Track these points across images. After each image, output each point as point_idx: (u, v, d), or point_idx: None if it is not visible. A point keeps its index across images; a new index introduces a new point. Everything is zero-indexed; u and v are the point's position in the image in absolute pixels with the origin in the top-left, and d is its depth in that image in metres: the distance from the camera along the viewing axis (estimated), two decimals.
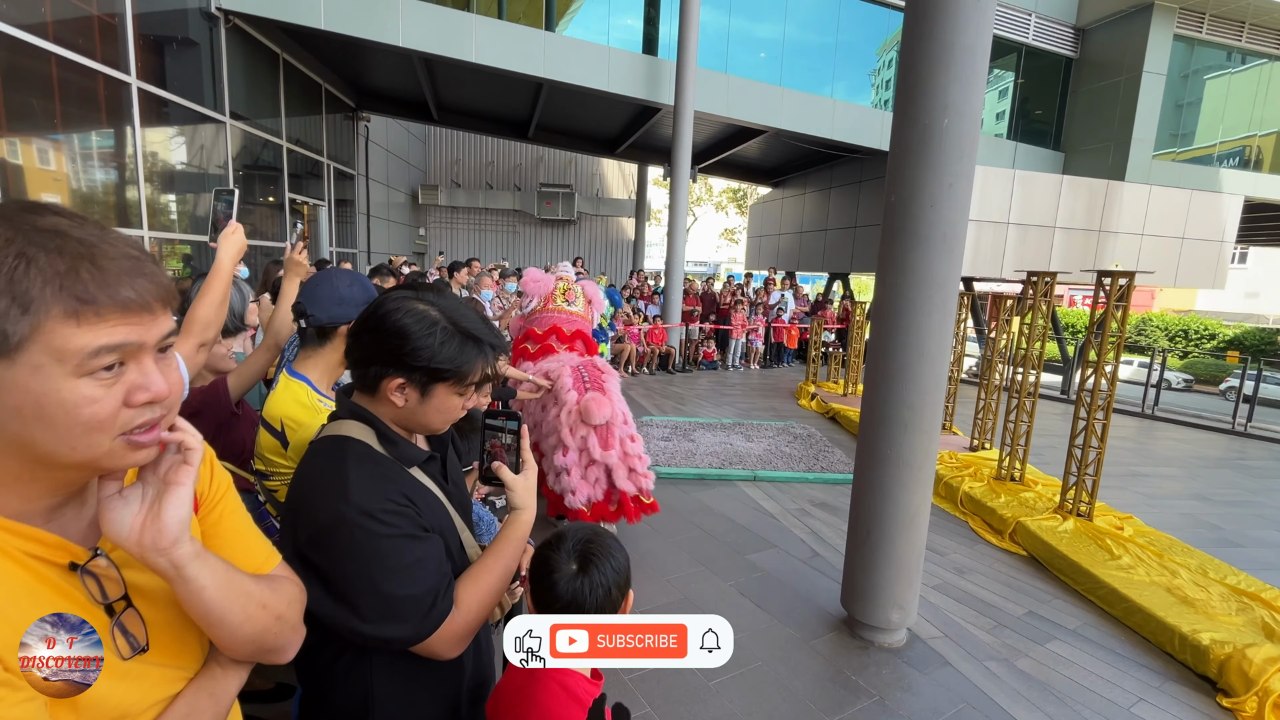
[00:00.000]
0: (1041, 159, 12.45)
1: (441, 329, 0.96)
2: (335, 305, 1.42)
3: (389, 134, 13.86)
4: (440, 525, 1.03)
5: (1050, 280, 4.54)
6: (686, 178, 9.95)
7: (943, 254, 2.57)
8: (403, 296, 1.00)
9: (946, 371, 2.73)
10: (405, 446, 1.03)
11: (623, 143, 13.18)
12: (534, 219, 18.04)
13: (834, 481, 4.95)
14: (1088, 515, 4.02)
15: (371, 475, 0.97)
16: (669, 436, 5.94)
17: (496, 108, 12.12)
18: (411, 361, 0.95)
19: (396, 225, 14.89)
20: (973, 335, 11.60)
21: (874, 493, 2.78)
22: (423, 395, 0.98)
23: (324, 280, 1.45)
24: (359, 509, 0.92)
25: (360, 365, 1.00)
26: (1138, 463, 6.20)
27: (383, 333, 0.96)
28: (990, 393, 5.51)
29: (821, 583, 3.33)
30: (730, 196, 31.70)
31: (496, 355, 1.03)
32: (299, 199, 9.08)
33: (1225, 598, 3.13)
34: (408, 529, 0.96)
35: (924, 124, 2.54)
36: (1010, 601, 3.26)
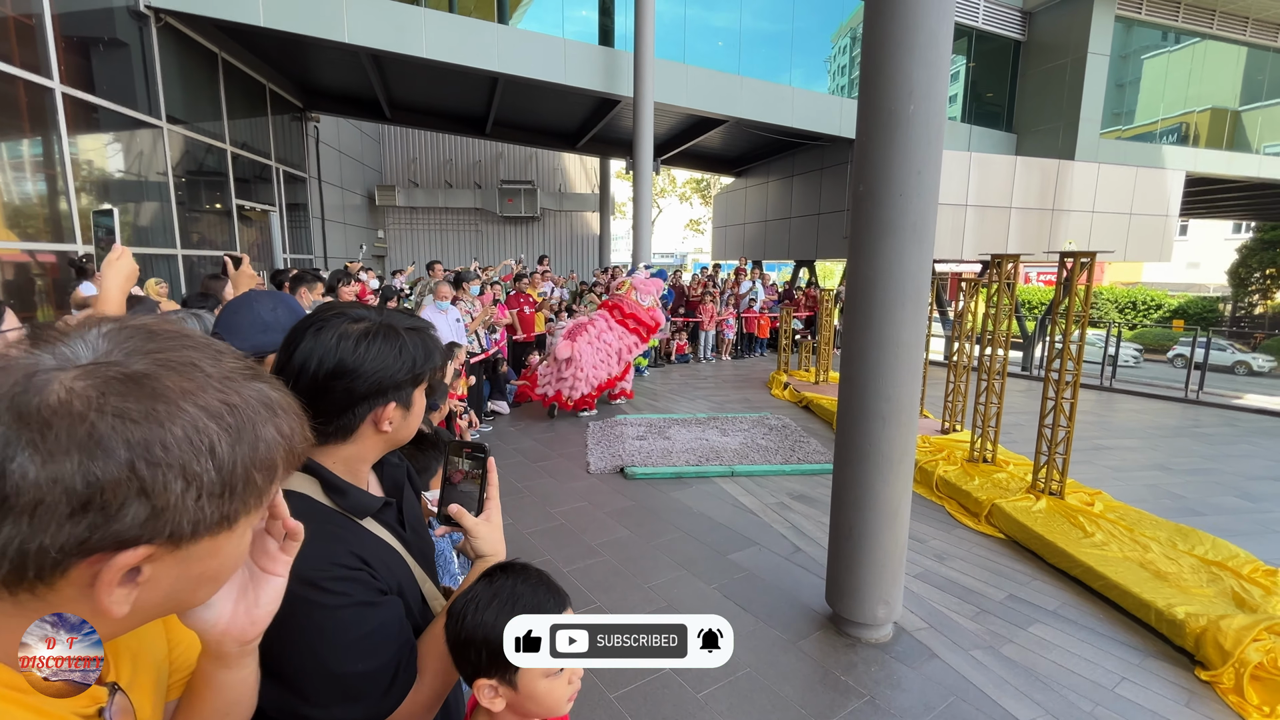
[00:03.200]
0: (995, 141, 12.69)
1: (410, 340, 0.91)
2: (259, 333, 1.28)
3: (340, 134, 13.41)
4: (399, 581, 0.92)
5: (1015, 263, 4.59)
6: (650, 170, 9.84)
7: (913, 243, 2.52)
8: (344, 326, 0.90)
9: (922, 362, 2.70)
10: (356, 495, 0.92)
11: (583, 136, 13.00)
12: (496, 217, 17.71)
13: (811, 473, 4.94)
14: (1059, 494, 4.08)
15: (315, 536, 0.84)
16: (644, 435, 5.85)
17: (452, 104, 11.82)
18: (400, 379, 0.90)
19: (354, 229, 14.45)
20: (936, 316, 11.79)
21: (854, 488, 2.74)
22: (407, 408, 0.93)
23: (242, 306, 1.32)
24: (300, 578, 0.80)
25: (339, 413, 0.89)
26: (1100, 436, 6.36)
27: (354, 373, 0.87)
28: (959, 375, 5.56)
29: (805, 579, 3.30)
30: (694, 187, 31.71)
31: (445, 350, 0.98)
32: (246, 205, 8.69)
33: (1196, 569, 3.19)
34: (360, 595, 0.84)
35: (889, 110, 2.48)
36: (991, 586, 3.27)
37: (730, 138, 13.28)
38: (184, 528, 0.46)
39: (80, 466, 0.41)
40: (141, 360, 0.45)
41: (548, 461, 5.20)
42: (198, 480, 0.45)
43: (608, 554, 3.54)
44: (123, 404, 0.43)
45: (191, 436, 0.44)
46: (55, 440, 0.41)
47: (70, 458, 0.41)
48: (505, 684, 0.85)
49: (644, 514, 4.13)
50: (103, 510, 0.42)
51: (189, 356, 0.47)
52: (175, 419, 0.44)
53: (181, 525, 0.45)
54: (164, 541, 0.45)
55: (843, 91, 11.97)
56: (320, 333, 0.88)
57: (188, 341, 0.49)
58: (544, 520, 4.00)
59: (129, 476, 0.42)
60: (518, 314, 7.73)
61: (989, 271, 4.78)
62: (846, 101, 11.25)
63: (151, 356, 0.46)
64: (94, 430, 0.42)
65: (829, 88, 11.80)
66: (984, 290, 5.21)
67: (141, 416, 0.43)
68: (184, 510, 0.45)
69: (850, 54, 12.05)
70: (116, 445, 0.42)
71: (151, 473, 0.43)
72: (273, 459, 0.50)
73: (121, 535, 0.43)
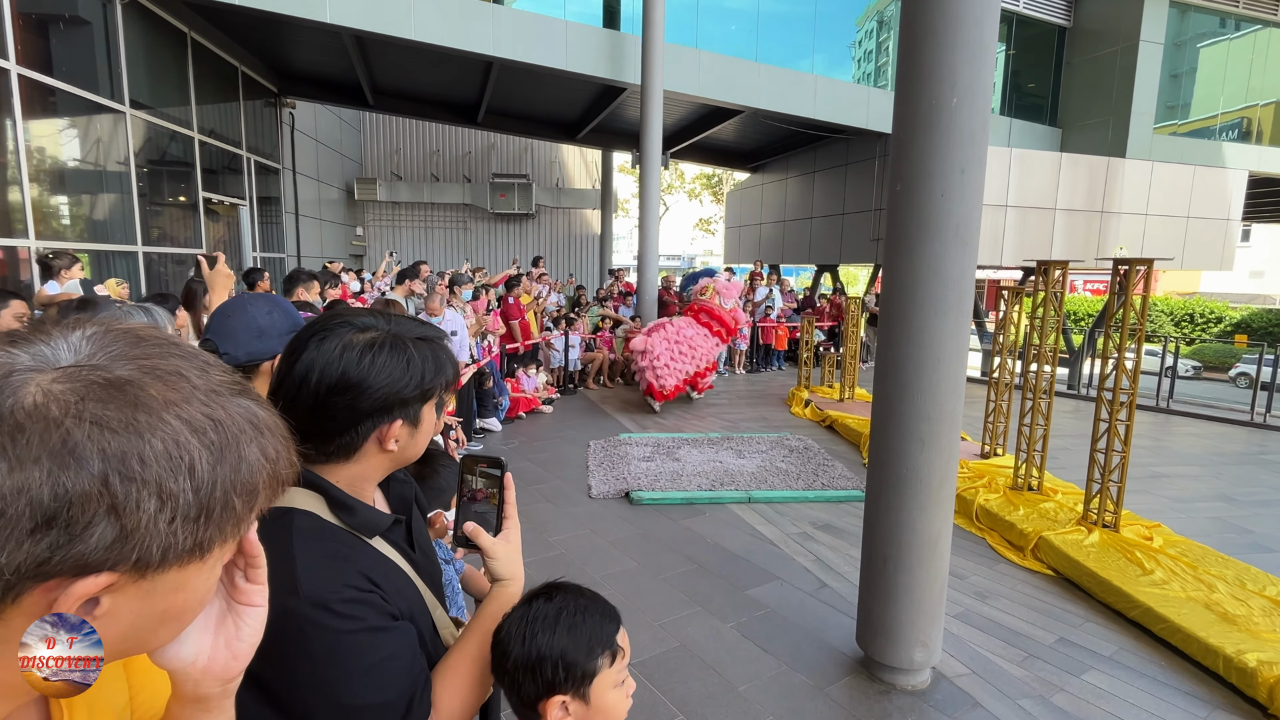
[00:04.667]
0: (1038, 136, 12.79)
1: (417, 351, 0.93)
2: (254, 339, 1.31)
3: (318, 122, 13.56)
4: (410, 607, 0.95)
5: (1063, 270, 4.63)
6: (657, 164, 9.93)
7: (956, 247, 2.56)
8: (349, 337, 0.92)
9: (964, 379, 2.72)
10: (364, 513, 0.94)
11: (584, 127, 13.11)
12: (487, 213, 17.84)
13: (837, 499, 4.94)
14: (1114, 526, 4.08)
15: (324, 556, 0.87)
16: (650, 456, 5.87)
17: (441, 90, 11.94)
18: (406, 396, 0.91)
19: (330, 225, 14.56)
20: (973, 329, 11.81)
21: (889, 518, 2.75)
22: (414, 425, 0.95)
23: (237, 309, 1.34)
24: (311, 601, 0.83)
25: (341, 431, 0.91)
26: (1158, 462, 6.36)
27: (358, 389, 0.89)
28: (1000, 393, 5.58)
29: (832, 618, 3.30)
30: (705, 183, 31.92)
31: (445, 342, 1.01)
32: (214, 198, 8.77)
33: (1267, 611, 3.19)
34: (373, 620, 0.86)
35: (930, 104, 2.53)
36: (1039, 628, 3.27)
37: (745, 130, 13.39)
38: (153, 554, 0.45)
39: (50, 476, 0.40)
40: (126, 366, 0.46)
41: (544, 485, 5.21)
42: (173, 500, 0.44)
43: (612, 588, 3.54)
44: (102, 411, 0.42)
45: (171, 451, 0.44)
46: (26, 446, 0.40)
47: (40, 466, 0.40)
48: (578, 698, 0.94)
49: (651, 544, 4.13)
50: (68, 528, 0.41)
51: (176, 365, 0.48)
52: (156, 431, 0.44)
53: (150, 551, 0.44)
54: (129, 569, 0.44)
55: (869, 80, 12.10)
56: (324, 342, 0.91)
57: (175, 350, 0.49)
58: (541, 550, 4.00)
59: (100, 491, 0.41)
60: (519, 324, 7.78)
61: (1032, 279, 4.81)
62: (874, 91, 11.36)
63: (137, 363, 0.46)
64: (69, 437, 0.41)
65: (854, 76, 11.93)
66: (1027, 300, 5.25)
67: (121, 426, 0.43)
68: (155, 534, 0.44)
69: (877, 39, 12.20)
70: (91, 455, 0.41)
71: (125, 488, 0.42)
72: (254, 483, 0.49)
73: (84, 558, 0.42)
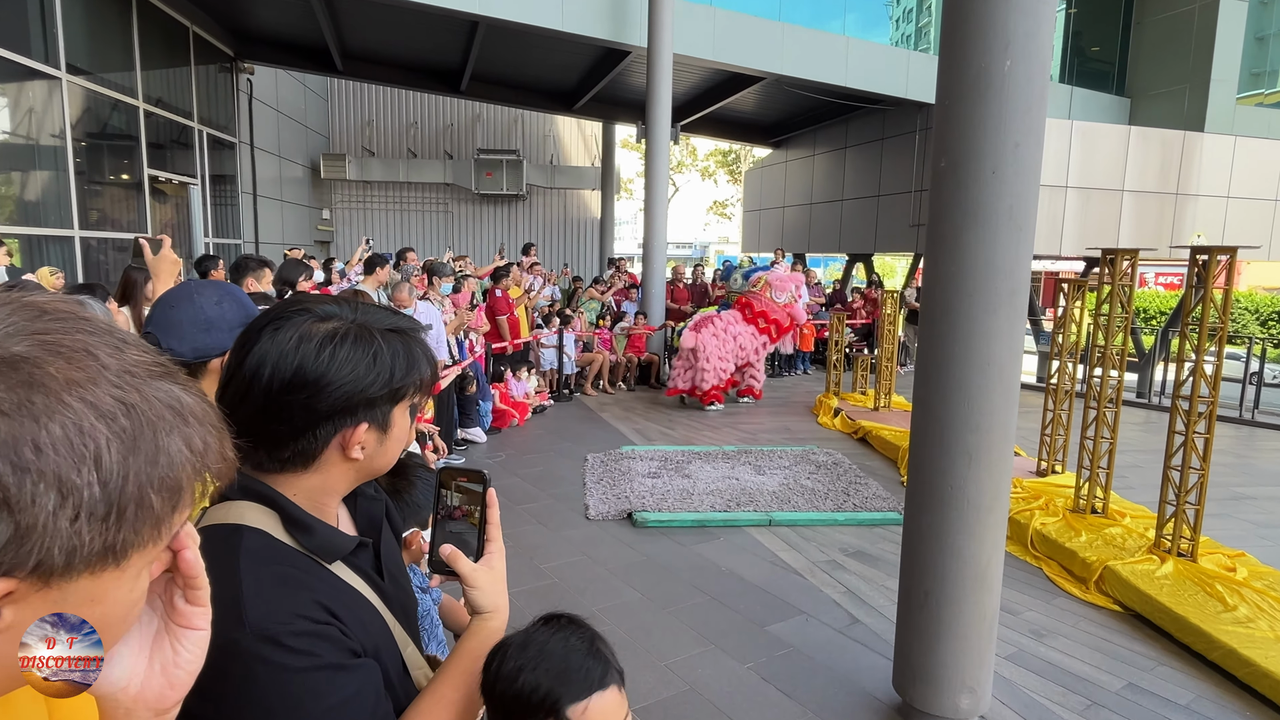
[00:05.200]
0: (1103, 107, 12.76)
1: (386, 344, 0.93)
2: (201, 333, 1.32)
3: (280, 90, 13.62)
4: (375, 642, 0.94)
5: (1132, 260, 4.61)
6: (666, 138, 9.94)
7: (1010, 233, 2.55)
8: (307, 326, 0.92)
9: (1018, 384, 2.71)
10: (324, 533, 0.94)
11: (583, 96, 13.14)
12: (471, 194, 17.90)
13: (871, 522, 4.95)
14: (1191, 555, 4.06)
15: (276, 582, 0.87)
16: (657, 472, 5.87)
17: (419, 54, 11.98)
18: (372, 396, 0.90)
19: (292, 207, 14.63)
20: (1028, 328, 11.77)
21: (932, 543, 2.74)
22: (384, 430, 0.94)
23: (181, 299, 1.35)
24: (260, 634, 0.82)
25: (297, 434, 0.91)
26: (1241, 482, 6.33)
27: (315, 385, 0.89)
28: (1059, 402, 5.56)
29: (865, 659, 3.29)
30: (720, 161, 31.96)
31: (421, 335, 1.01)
32: (161, 175, 8.82)
33: None
34: (330, 657, 0.86)
35: (980, 68, 2.52)
36: (1104, 672, 3.26)
37: (767, 99, 13.39)
38: (55, 558, 0.44)
39: None
40: (23, 341, 0.45)
41: (535, 504, 5.21)
42: (76, 495, 0.43)
43: (612, 622, 3.54)
44: None
45: (73, 438, 0.43)
46: None
47: None
48: None
49: (658, 572, 4.13)
50: None
51: (83, 341, 0.47)
52: (55, 415, 0.43)
53: (52, 554, 0.44)
54: (29, 574, 0.43)
55: (908, 43, 12.10)
56: (278, 332, 0.90)
57: (85, 326, 0.48)
58: (531, 579, 4.01)
59: None
60: (508, 320, 7.79)
61: (1096, 271, 4.79)
62: (914, 55, 11.35)
63: (36, 338, 0.45)
64: None
65: (891, 38, 11.93)
66: (1091, 295, 5.22)
67: (12, 408, 0.42)
68: (56, 534, 0.43)
69: None
70: None
71: (18, 480, 0.41)
72: (176, 479, 0.48)
73: None
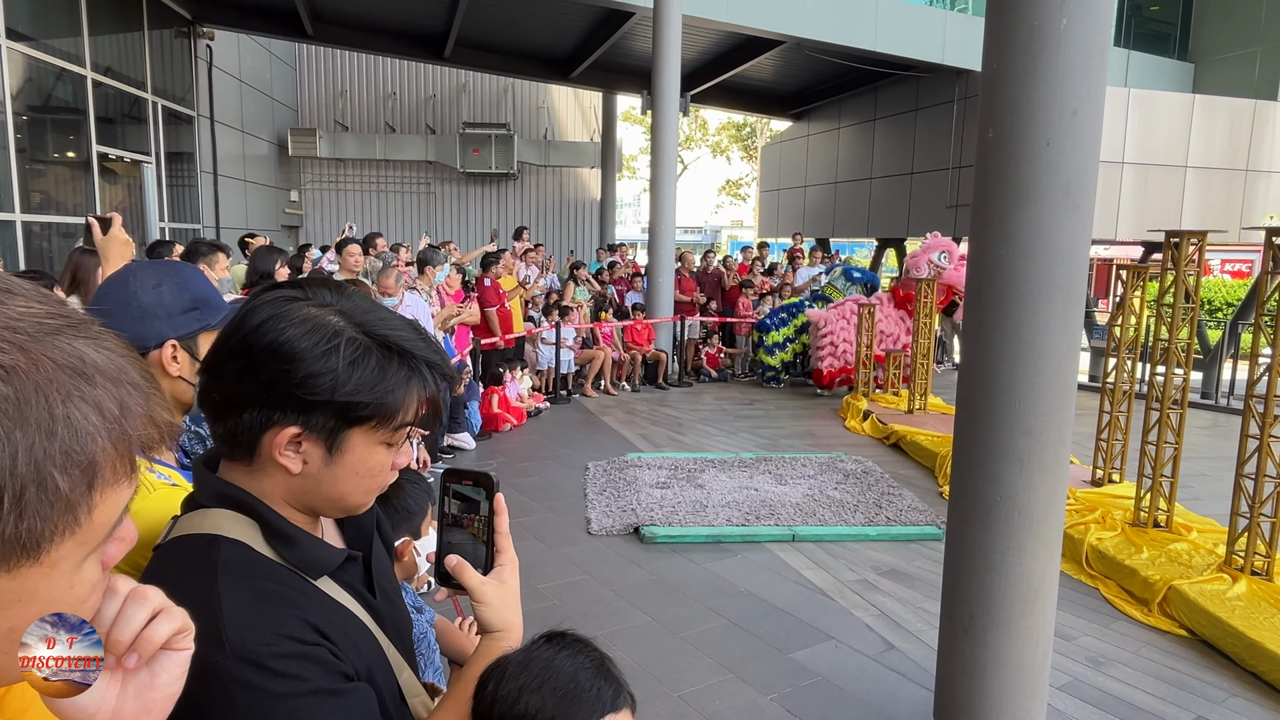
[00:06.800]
0: (1164, 73, 12.73)
1: (349, 341, 0.88)
2: (133, 321, 1.32)
3: (243, 58, 13.64)
4: (369, 665, 0.95)
5: (1198, 244, 4.60)
6: (674, 109, 9.94)
7: (1066, 212, 2.55)
8: (281, 298, 0.91)
9: (1075, 382, 2.70)
10: (309, 546, 0.94)
11: (581, 63, 13.15)
12: (456, 173, 17.92)
13: (907, 538, 4.96)
14: (1266, 573, 4.05)
15: (258, 599, 0.87)
16: (666, 481, 5.87)
17: (399, 17, 12.00)
18: (307, 395, 0.86)
19: (257, 187, 14.66)
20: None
21: (978, 560, 2.74)
22: (330, 450, 0.90)
23: (116, 284, 1.36)
24: (241, 656, 0.82)
25: (226, 413, 0.90)
26: None
27: (256, 356, 0.87)
28: (1117, 403, 5.55)
29: (902, 690, 3.29)
30: (733, 135, 31.97)
31: (439, 377, 0.95)
32: (112, 153, 8.84)
33: None
34: (319, 681, 0.86)
35: (1032, 25, 2.52)
36: (1170, 704, 3.26)
37: (786, 66, 13.39)
38: None
39: None
40: None
41: (532, 517, 5.22)
42: None
43: (619, 648, 3.55)
44: None
45: None
46: None
47: None
48: None
49: (668, 592, 4.13)
50: None
51: None
52: None
53: None
54: None
55: (945, 3, 12.06)
56: (265, 301, 0.90)
57: None
58: (528, 600, 3.96)
59: None
60: (498, 311, 7.81)
61: (1157, 257, 4.78)
62: (952, 16, 11.33)
63: None
64: None
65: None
66: (1151, 284, 5.21)
67: None
68: None
69: None
70: None
71: None
72: (88, 451, 0.46)
73: None
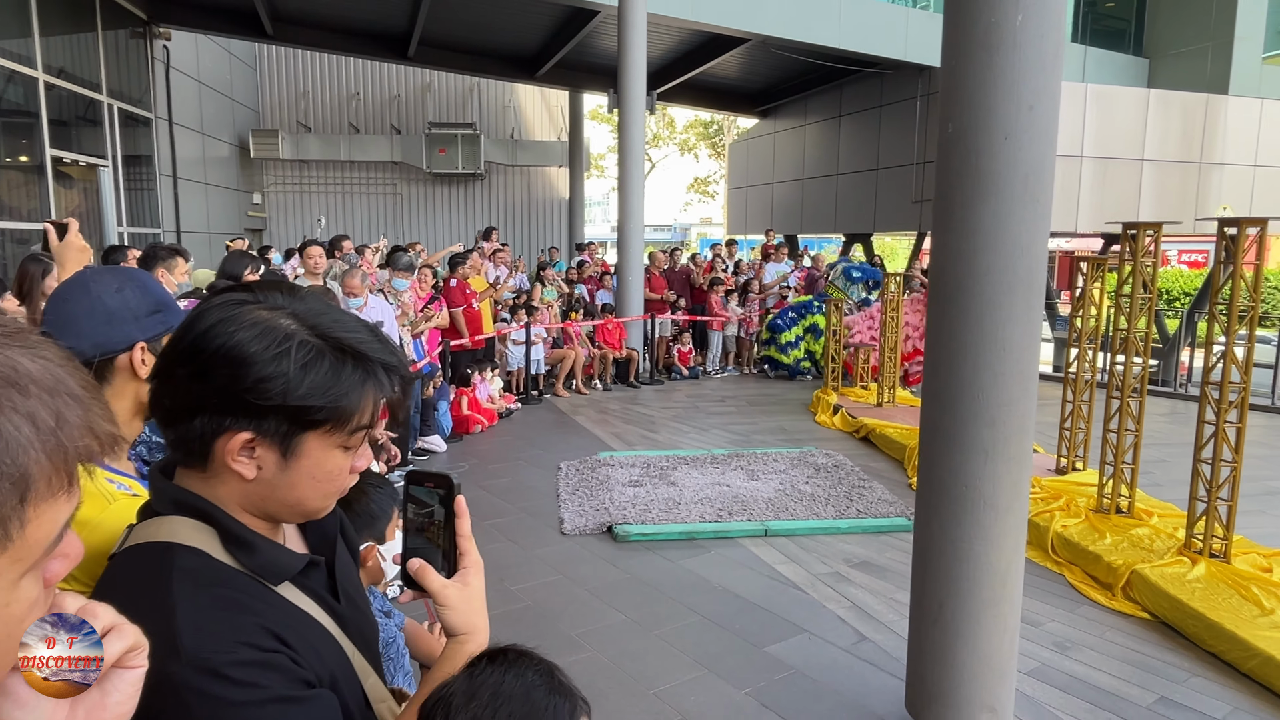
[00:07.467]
0: (1120, 68, 12.97)
1: (300, 344, 0.87)
2: (102, 325, 1.30)
3: (202, 59, 13.42)
4: (332, 671, 0.93)
5: (1154, 235, 4.69)
6: (641, 107, 9.93)
7: (1025, 205, 2.59)
8: (231, 301, 0.89)
9: (1036, 372, 2.74)
10: (269, 551, 0.92)
11: (546, 61, 13.09)
12: (422, 174, 17.76)
13: (877, 530, 5.00)
14: (1224, 555, 4.14)
15: (215, 606, 0.86)
16: (639, 479, 5.87)
17: (361, 15, 11.87)
18: (258, 400, 0.85)
19: (219, 190, 14.42)
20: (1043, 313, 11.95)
21: (945, 550, 2.77)
22: (285, 455, 0.89)
23: (75, 290, 1.33)
24: (197, 665, 0.81)
25: (177, 420, 0.88)
26: (1276, 475, 6.47)
27: (206, 361, 0.85)
28: (1079, 393, 5.64)
29: (875, 679, 3.32)
30: (700, 133, 32.02)
31: (396, 380, 0.93)
32: (66, 157, 8.65)
33: None
34: (279, 688, 0.85)
35: (988, 22, 2.55)
36: (1134, 685, 3.32)
37: (751, 63, 13.43)
38: None
39: None
40: None
41: (504, 519, 5.20)
42: None
43: (593, 648, 3.54)
44: None
45: None
46: None
47: None
48: None
49: (643, 591, 4.14)
50: None
51: None
52: None
53: None
54: None
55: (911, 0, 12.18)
56: (215, 305, 0.88)
57: None
58: (502, 602, 3.99)
59: None
60: (464, 312, 7.76)
61: (1116, 249, 4.87)
62: (913, 13, 11.44)
63: None
64: None
65: None
66: (1111, 275, 5.31)
67: None
68: None
69: None
70: None
71: None
72: (20, 464, 0.45)
73: None
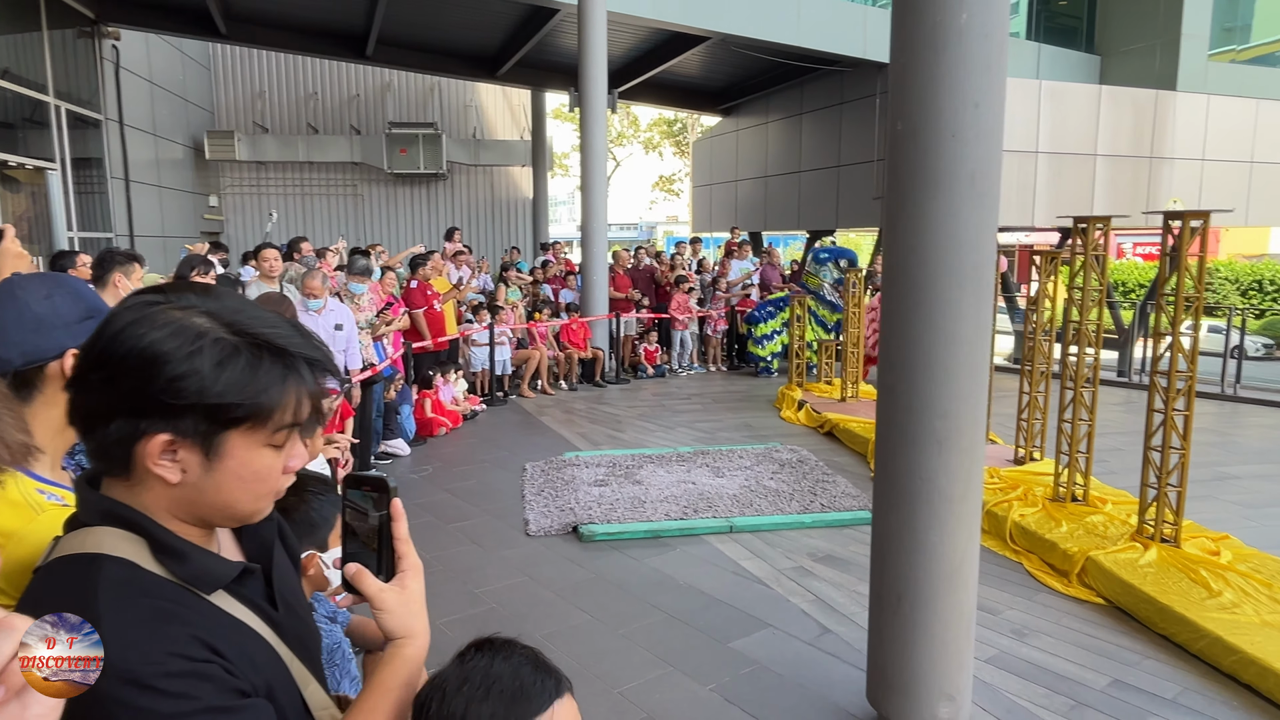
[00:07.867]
0: (1072, 65, 13.22)
1: (215, 341, 0.85)
2: (30, 333, 1.28)
3: (153, 59, 13.15)
4: (268, 680, 0.92)
5: (1104, 227, 4.79)
6: (602, 106, 9.92)
7: (972, 201, 2.63)
8: (142, 303, 0.87)
9: (987, 364, 2.79)
10: (200, 560, 0.91)
11: (507, 60, 13.02)
12: (384, 174, 17.56)
13: (841, 523, 5.05)
14: (1174, 540, 4.25)
15: (144, 617, 0.84)
16: (604, 479, 5.87)
17: (317, 13, 11.71)
18: (173, 399, 0.83)
19: (173, 193, 14.14)
20: (1002, 306, 12.15)
21: (903, 540, 2.81)
22: (208, 456, 0.87)
23: (2, 298, 1.31)
24: (125, 677, 0.79)
25: (93, 427, 0.86)
26: (1224, 460, 6.66)
27: (118, 364, 0.83)
28: (1035, 384, 5.75)
29: (837, 671, 3.36)
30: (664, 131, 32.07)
31: (319, 373, 0.91)
32: (12, 160, 8.42)
33: None
34: (211, 698, 0.84)
35: (934, 21, 2.59)
36: (1089, 669, 3.39)
37: (713, 62, 13.48)
38: None
39: None
40: None
41: (468, 521, 5.17)
42: None
43: (559, 648, 3.53)
44: None
45: None
46: None
47: None
48: None
49: (608, 590, 4.14)
50: None
51: None
52: None
53: None
54: None
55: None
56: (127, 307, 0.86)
57: None
58: (466, 604, 3.97)
59: None
60: (425, 313, 7.70)
61: (1070, 242, 4.98)
62: (872, 11, 11.57)
63: None
64: None
65: None
66: (1065, 268, 5.42)
67: None
68: None
69: None
70: None
71: None
72: None
73: None
